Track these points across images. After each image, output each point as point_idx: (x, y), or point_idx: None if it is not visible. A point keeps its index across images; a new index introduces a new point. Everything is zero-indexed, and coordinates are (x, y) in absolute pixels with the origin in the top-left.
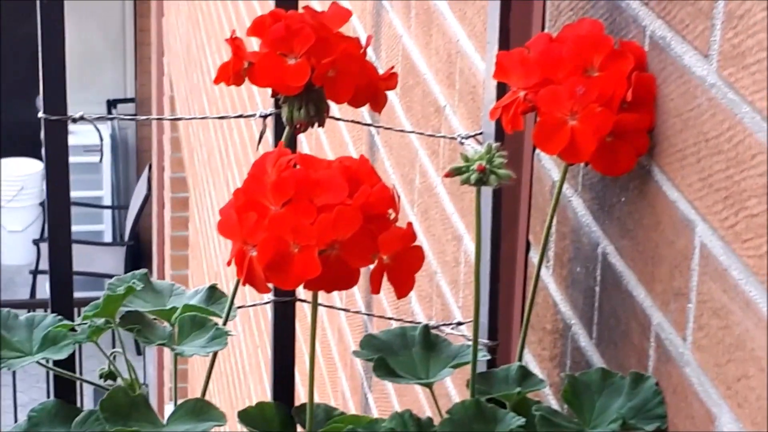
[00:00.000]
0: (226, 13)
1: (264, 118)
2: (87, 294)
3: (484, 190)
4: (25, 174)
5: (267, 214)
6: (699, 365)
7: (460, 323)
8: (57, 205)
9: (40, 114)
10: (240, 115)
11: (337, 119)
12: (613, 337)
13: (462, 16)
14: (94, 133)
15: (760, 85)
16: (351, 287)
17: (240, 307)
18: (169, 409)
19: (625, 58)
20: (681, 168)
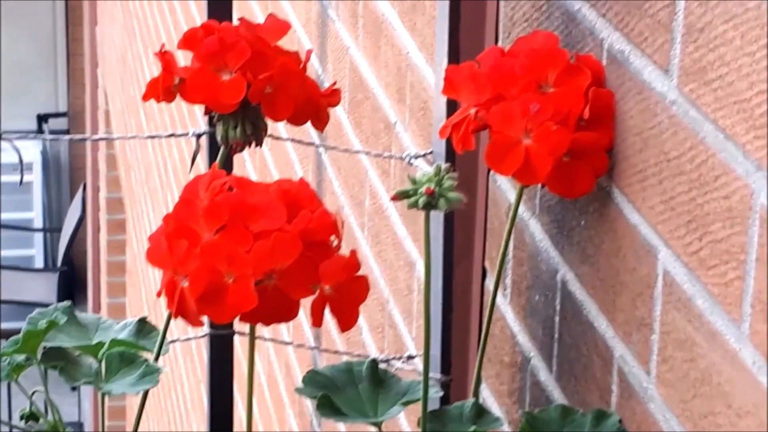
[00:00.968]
0: (164, 22)
1: (198, 137)
2: (17, 324)
3: (434, 214)
4: None
5: (199, 241)
6: (664, 401)
7: (411, 357)
8: None
9: None
10: (171, 134)
11: (277, 138)
12: (574, 370)
13: (412, 27)
14: (26, 151)
15: (722, 102)
16: (290, 320)
17: (173, 341)
18: None
19: (582, 72)
20: (642, 190)
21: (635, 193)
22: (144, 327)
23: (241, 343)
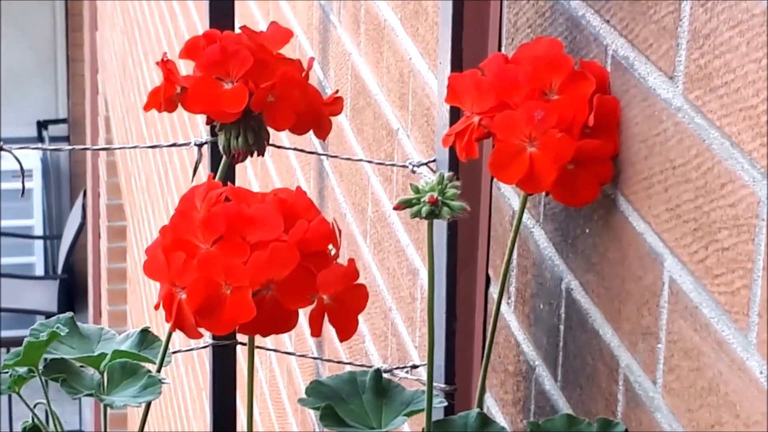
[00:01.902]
0: (164, 28)
1: (199, 146)
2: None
3: (437, 223)
4: None
5: (196, 253)
6: (670, 410)
7: (414, 366)
8: None
9: None
10: (173, 144)
11: (279, 147)
12: (579, 379)
13: (414, 33)
14: (26, 158)
15: (728, 109)
16: (288, 330)
17: (176, 352)
18: None
19: (586, 79)
20: (647, 197)
21: (640, 200)
22: (146, 338)
23: (243, 351)
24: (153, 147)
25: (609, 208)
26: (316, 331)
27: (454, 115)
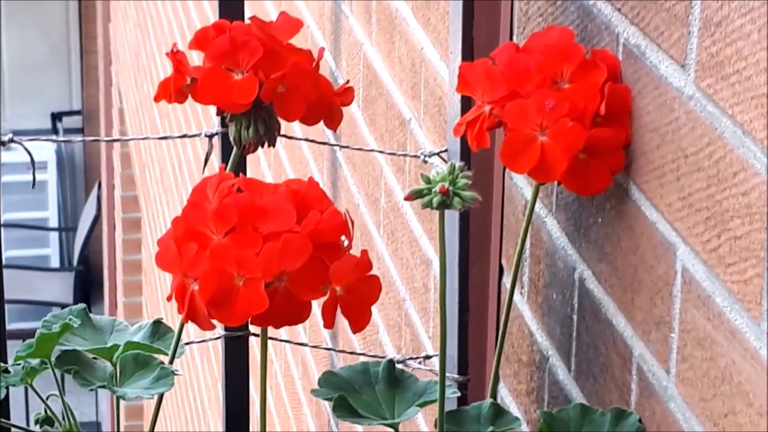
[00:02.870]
0: (177, 19)
1: (210, 137)
2: (32, 325)
3: (449, 213)
4: None
5: (208, 244)
6: (684, 400)
7: (428, 356)
8: None
9: None
10: (184, 135)
11: (291, 137)
12: (593, 369)
13: (426, 22)
14: (40, 149)
15: (740, 97)
16: (302, 322)
17: (188, 344)
18: None
19: (598, 68)
20: (660, 186)
21: (653, 189)
22: (159, 329)
23: (257, 342)
24: (163, 138)
25: (621, 197)
26: (329, 322)
27: (466, 104)
